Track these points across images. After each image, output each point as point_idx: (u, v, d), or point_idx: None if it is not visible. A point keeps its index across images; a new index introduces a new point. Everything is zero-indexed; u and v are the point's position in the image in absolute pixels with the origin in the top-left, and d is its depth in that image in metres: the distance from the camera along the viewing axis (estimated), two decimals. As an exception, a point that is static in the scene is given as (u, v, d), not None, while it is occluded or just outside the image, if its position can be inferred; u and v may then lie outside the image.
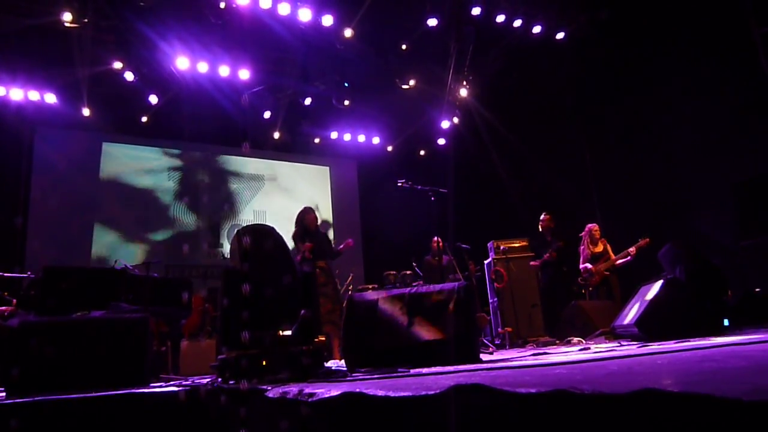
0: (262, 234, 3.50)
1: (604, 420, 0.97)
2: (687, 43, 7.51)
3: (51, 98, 8.97)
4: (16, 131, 8.95)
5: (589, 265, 7.35)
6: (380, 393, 1.55)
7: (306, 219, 6.46)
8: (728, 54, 7.09)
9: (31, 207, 9.13)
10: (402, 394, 1.47)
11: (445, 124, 11.02)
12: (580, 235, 7.57)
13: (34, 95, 8.80)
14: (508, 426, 1.21)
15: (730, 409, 0.78)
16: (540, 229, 7.97)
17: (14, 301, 5.29)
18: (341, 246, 6.68)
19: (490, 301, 8.28)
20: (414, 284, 6.00)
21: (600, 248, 7.40)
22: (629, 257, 7.09)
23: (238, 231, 3.45)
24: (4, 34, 7.80)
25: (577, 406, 1.02)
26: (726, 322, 4.89)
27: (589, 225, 7.53)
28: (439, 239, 7.33)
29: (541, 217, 8.00)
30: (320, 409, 1.76)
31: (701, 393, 0.82)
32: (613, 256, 7.26)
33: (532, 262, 7.73)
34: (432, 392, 1.39)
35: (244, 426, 2.36)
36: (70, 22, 7.50)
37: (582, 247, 7.50)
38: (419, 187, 6.46)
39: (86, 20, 7.65)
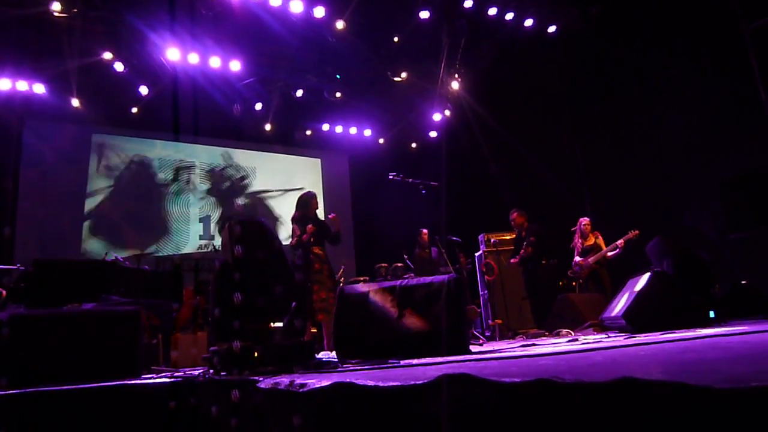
0: (253, 226, 3.51)
1: (585, 407, 1.00)
2: (677, 39, 7.56)
3: (40, 89, 8.89)
4: (4, 122, 8.87)
5: (577, 259, 7.41)
6: (370, 383, 1.58)
7: (311, 203, 6.36)
8: (718, 50, 7.15)
9: (20, 199, 9.06)
10: (391, 384, 1.50)
11: (437, 117, 11.06)
12: (573, 229, 7.61)
13: (22, 86, 8.71)
14: (494, 414, 1.24)
15: (702, 396, 0.82)
16: (512, 227, 7.90)
17: (4, 293, 5.28)
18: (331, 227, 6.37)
19: (481, 293, 8.35)
20: (405, 277, 6.05)
21: (591, 241, 7.45)
22: (618, 250, 7.14)
23: (229, 224, 3.46)
24: (-7, 24, 7.73)
25: (560, 395, 1.05)
26: (712, 314, 4.97)
27: (581, 219, 7.59)
28: (426, 231, 7.36)
29: (512, 215, 7.84)
30: (311, 399, 1.79)
31: (675, 381, 0.86)
32: (604, 249, 7.32)
33: (512, 260, 7.73)
34: (420, 382, 1.42)
35: (235, 417, 2.39)
36: (59, 12, 7.44)
37: (575, 241, 7.56)
38: (410, 180, 6.49)
39: (75, 10, 7.60)
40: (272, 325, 3.21)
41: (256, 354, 2.91)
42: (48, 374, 3.25)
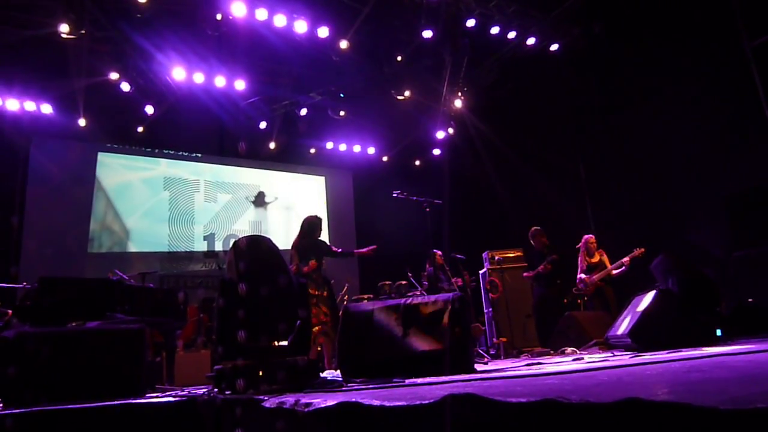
0: (259, 245, 3.52)
1: (591, 428, 1.00)
2: (679, 56, 7.61)
3: (47, 108, 9.00)
4: (12, 141, 8.96)
5: (583, 276, 7.38)
6: (376, 403, 1.58)
7: (318, 231, 6.27)
8: (720, 67, 7.19)
9: (27, 217, 9.12)
10: (397, 403, 1.50)
11: (440, 135, 11.11)
12: (578, 246, 7.60)
13: (30, 106, 8.83)
14: (499, 435, 1.24)
15: (706, 417, 0.82)
16: (531, 242, 7.93)
17: (10, 311, 5.29)
18: (363, 250, 6.50)
19: (485, 311, 8.31)
20: (409, 294, 6.03)
21: (596, 259, 7.42)
22: (624, 267, 7.11)
23: (234, 242, 3.47)
24: (1, 45, 7.84)
25: (565, 415, 1.05)
26: (719, 333, 4.93)
27: (586, 236, 7.56)
28: (440, 253, 7.34)
29: (531, 230, 7.90)
30: (316, 418, 1.78)
31: (680, 402, 0.86)
32: (609, 267, 7.28)
33: (525, 274, 7.76)
34: (426, 402, 1.42)
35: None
36: (67, 34, 7.53)
37: (579, 258, 7.53)
38: (414, 198, 6.49)
39: (83, 32, 7.69)
40: (277, 343, 3.21)
41: (260, 373, 2.91)
42: (52, 393, 3.25)
